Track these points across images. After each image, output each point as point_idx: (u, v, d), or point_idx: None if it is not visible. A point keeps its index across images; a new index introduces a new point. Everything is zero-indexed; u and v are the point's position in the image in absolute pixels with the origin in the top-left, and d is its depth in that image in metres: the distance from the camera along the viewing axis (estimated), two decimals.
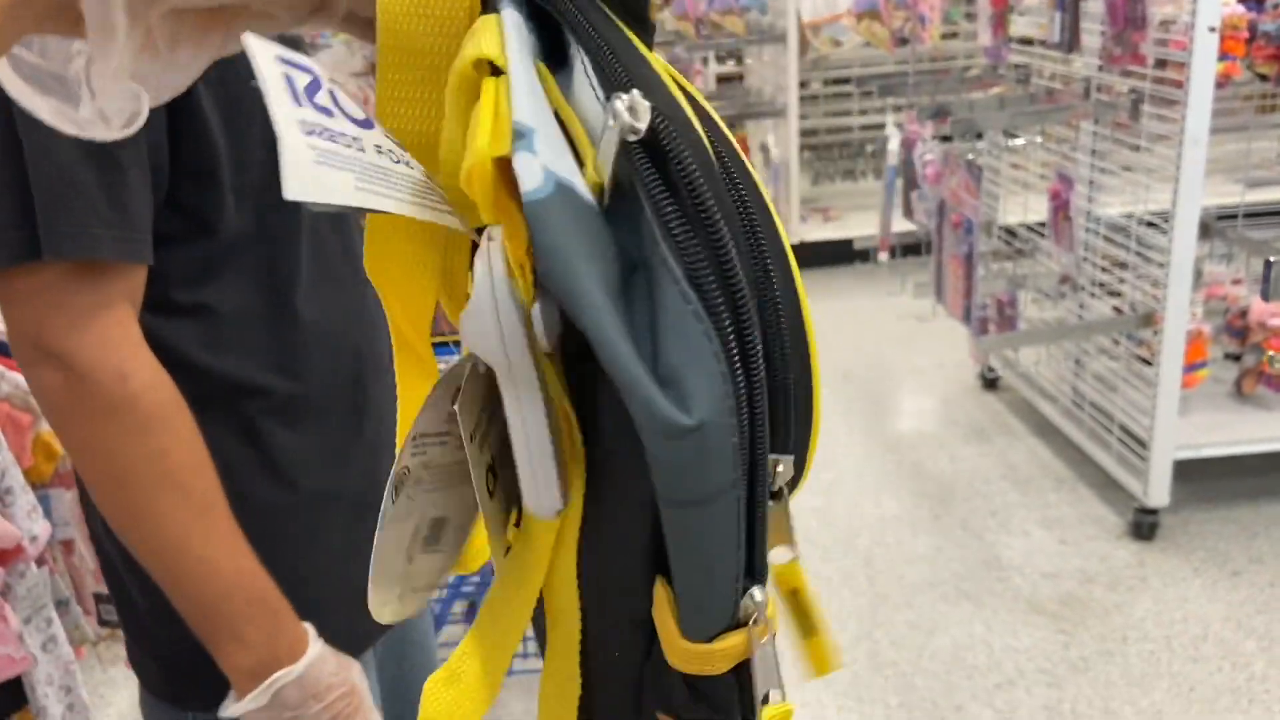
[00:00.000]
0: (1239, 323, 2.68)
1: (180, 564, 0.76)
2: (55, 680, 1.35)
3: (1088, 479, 2.83)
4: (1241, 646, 2.18)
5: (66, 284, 0.72)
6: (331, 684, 0.80)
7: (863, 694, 2.13)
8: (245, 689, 0.78)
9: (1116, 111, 2.57)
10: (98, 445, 0.73)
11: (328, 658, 0.81)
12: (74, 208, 0.70)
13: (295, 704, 0.78)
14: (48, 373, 0.72)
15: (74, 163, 0.70)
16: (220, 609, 0.77)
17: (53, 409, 0.74)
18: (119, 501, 0.75)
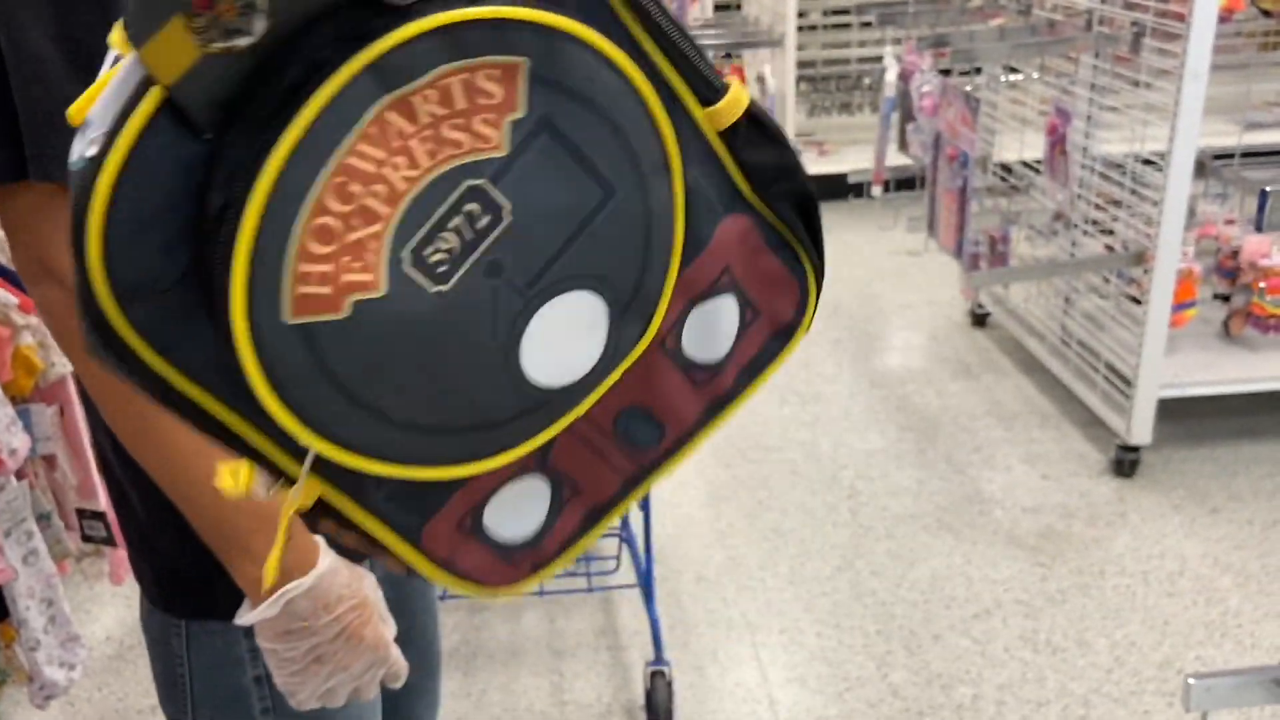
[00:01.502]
0: (1230, 263, 2.67)
1: (190, 479, 0.75)
2: (36, 593, 1.35)
3: (1072, 416, 2.84)
4: (1217, 582, 2.21)
5: (60, 202, 0.70)
6: (342, 595, 0.80)
7: (842, 621, 2.16)
8: (258, 599, 0.78)
9: (1118, 44, 2.53)
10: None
11: (340, 570, 0.81)
12: (63, 129, 0.68)
13: (306, 614, 0.79)
14: (50, 290, 0.71)
15: (63, 81, 0.68)
16: (229, 522, 0.77)
17: (57, 327, 0.73)
18: (126, 417, 0.75)
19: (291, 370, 0.40)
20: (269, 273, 0.38)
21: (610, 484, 0.54)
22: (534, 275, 0.43)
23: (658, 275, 0.47)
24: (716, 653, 2.10)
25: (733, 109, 0.48)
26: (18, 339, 1.41)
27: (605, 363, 0.47)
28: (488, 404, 0.44)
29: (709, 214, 0.50)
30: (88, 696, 2.06)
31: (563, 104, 0.42)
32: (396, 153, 0.38)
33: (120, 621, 2.28)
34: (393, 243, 0.39)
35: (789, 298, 0.54)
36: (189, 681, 0.91)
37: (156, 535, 0.87)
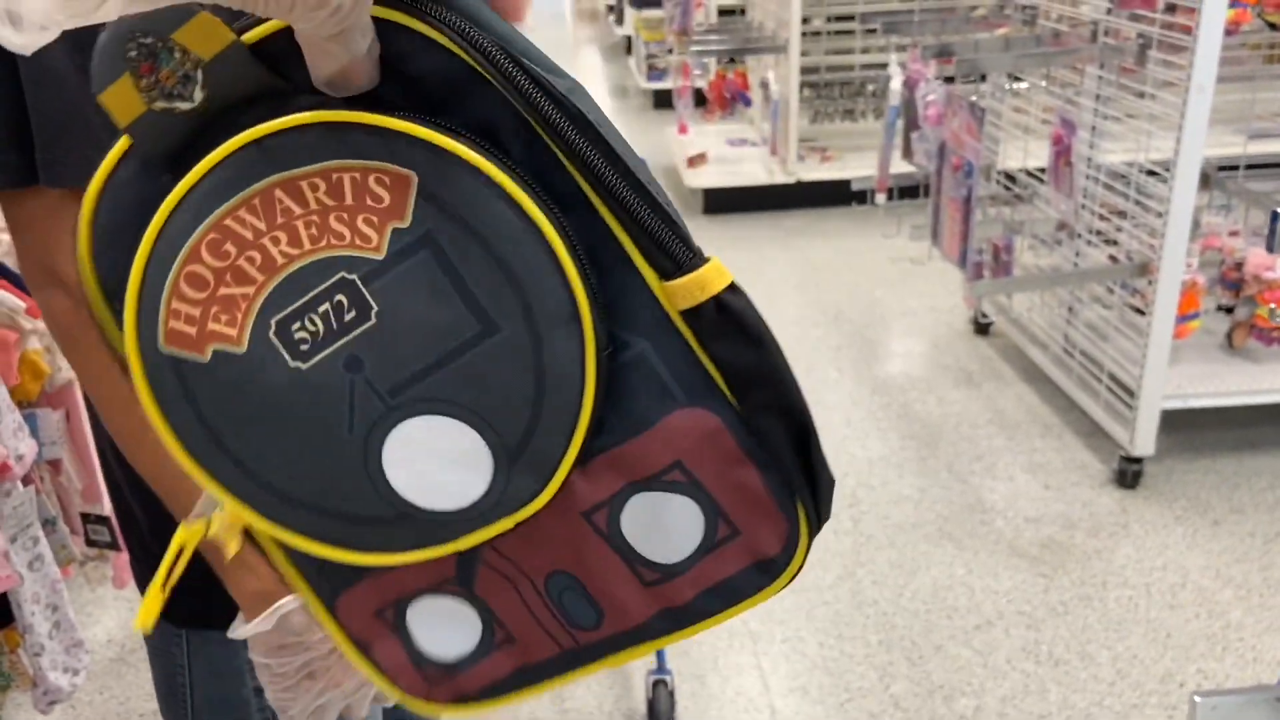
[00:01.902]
0: (1234, 275, 2.67)
1: (188, 489, 0.75)
2: (42, 599, 1.35)
3: (1074, 426, 2.84)
4: (1219, 595, 2.21)
5: (69, 209, 0.70)
6: None
7: (844, 631, 2.16)
8: (253, 613, 0.78)
9: (1123, 56, 2.54)
10: (105, 371, 0.73)
11: None
12: (75, 136, 0.69)
13: (300, 629, 0.79)
14: (55, 296, 0.72)
15: (75, 88, 0.68)
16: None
17: (60, 332, 0.73)
18: (126, 426, 0.75)
19: (167, 393, 0.44)
20: (150, 301, 0.43)
21: (544, 647, 0.52)
22: (396, 385, 0.43)
23: (555, 435, 0.44)
24: (718, 661, 2.10)
25: (692, 290, 0.43)
26: (25, 343, 1.41)
27: (489, 506, 0.45)
28: (346, 495, 0.45)
29: (658, 395, 0.46)
30: (89, 700, 2.06)
31: (450, 228, 0.41)
32: (279, 228, 0.41)
33: (122, 625, 2.27)
34: (262, 309, 0.42)
35: (773, 530, 0.48)
36: (189, 690, 0.91)
37: (157, 542, 0.87)
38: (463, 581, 0.50)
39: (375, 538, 0.46)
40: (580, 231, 0.43)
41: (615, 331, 0.45)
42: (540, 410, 0.43)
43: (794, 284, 3.86)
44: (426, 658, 0.53)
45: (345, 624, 0.53)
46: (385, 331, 0.42)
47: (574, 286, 0.42)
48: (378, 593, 0.51)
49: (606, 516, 0.48)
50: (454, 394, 0.43)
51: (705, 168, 4.63)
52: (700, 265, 0.43)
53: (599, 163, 0.42)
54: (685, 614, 0.50)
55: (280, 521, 0.46)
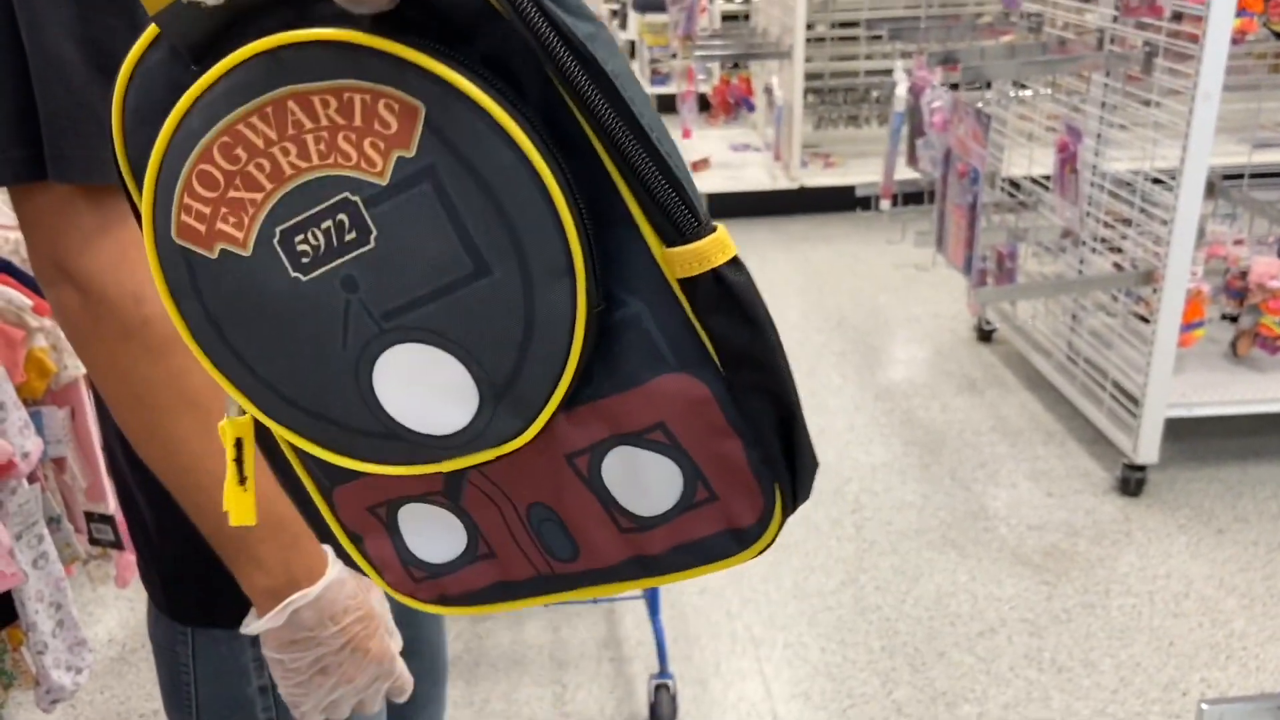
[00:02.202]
0: (1238, 284, 2.67)
1: (198, 484, 0.75)
2: (45, 597, 1.35)
3: (1077, 434, 2.84)
4: (1222, 604, 2.21)
5: (79, 205, 0.70)
6: (348, 607, 0.80)
7: (846, 637, 2.16)
8: (264, 608, 0.78)
9: (1129, 64, 2.54)
10: (115, 366, 0.73)
11: (346, 581, 0.81)
12: (83, 131, 0.69)
13: (311, 625, 0.79)
14: (66, 293, 0.71)
15: (84, 84, 0.68)
16: (237, 530, 0.76)
17: (71, 329, 0.73)
18: (138, 421, 0.75)
19: (177, 282, 0.46)
20: (166, 192, 0.44)
21: (521, 567, 0.54)
22: (389, 311, 0.44)
23: (540, 381, 0.45)
24: (720, 666, 2.10)
25: (691, 260, 0.43)
26: (31, 341, 1.41)
27: (473, 437, 0.46)
28: (339, 406, 0.47)
29: (649, 357, 0.46)
30: (90, 699, 2.06)
31: (452, 164, 0.41)
32: (290, 139, 0.42)
33: (124, 624, 2.27)
34: (268, 216, 0.43)
35: (749, 503, 0.49)
36: (193, 689, 0.91)
37: (164, 540, 0.87)
38: (450, 495, 0.52)
39: (366, 448, 0.48)
40: (585, 182, 0.43)
41: (612, 288, 0.45)
42: (526, 355, 0.44)
43: (797, 289, 3.86)
44: (414, 557, 0.55)
45: (340, 516, 0.56)
46: (382, 257, 0.43)
47: (570, 241, 0.42)
48: (372, 492, 0.53)
49: (588, 462, 0.49)
50: (444, 327, 0.43)
51: (709, 173, 4.64)
52: (704, 235, 0.43)
53: (609, 117, 0.41)
54: (656, 564, 0.51)
55: (281, 421, 0.48)
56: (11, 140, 0.69)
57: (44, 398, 1.47)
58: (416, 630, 1.12)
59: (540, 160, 0.41)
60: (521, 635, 2.20)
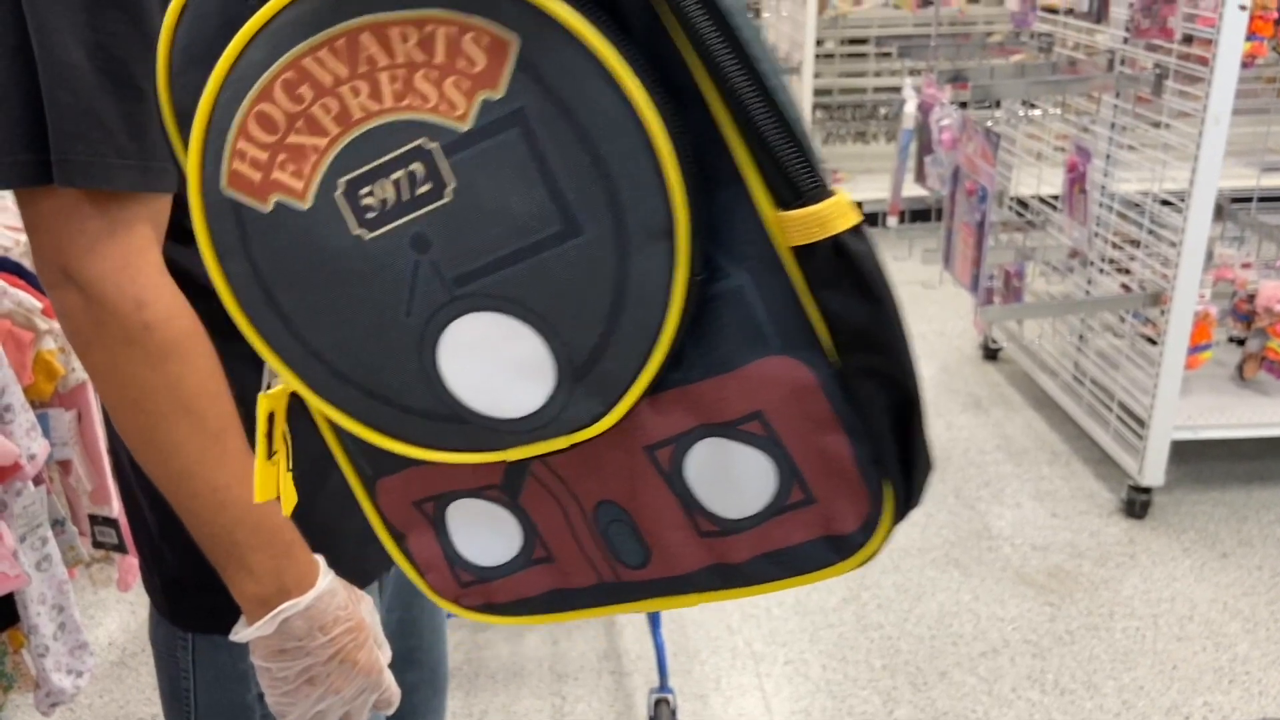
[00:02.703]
0: (1246, 307, 2.67)
1: (192, 490, 0.75)
2: (48, 599, 1.35)
3: (1083, 454, 2.83)
4: (1226, 628, 2.20)
5: (84, 209, 0.70)
6: (339, 617, 0.80)
7: (847, 654, 2.15)
8: (254, 616, 0.78)
9: (1139, 86, 2.54)
10: (115, 371, 0.73)
11: (337, 591, 0.81)
12: (90, 137, 0.69)
13: (301, 635, 0.78)
14: (69, 296, 0.71)
15: (92, 89, 0.68)
16: (229, 537, 0.76)
17: (73, 333, 0.73)
18: (135, 426, 0.75)
19: (224, 238, 0.41)
20: (217, 137, 0.39)
21: (583, 573, 0.48)
22: (463, 274, 0.38)
23: (627, 358, 0.39)
24: (720, 681, 2.09)
25: (809, 224, 0.37)
26: (40, 344, 1.41)
27: (545, 421, 0.41)
28: (396, 382, 0.42)
29: (750, 337, 0.40)
30: (89, 703, 2.05)
31: (545, 108, 0.36)
32: (361, 78, 0.37)
33: (124, 628, 2.27)
34: (332, 165, 0.38)
35: (853, 505, 0.43)
36: (193, 695, 0.91)
37: (167, 545, 0.87)
38: (508, 490, 0.47)
39: (422, 431, 0.43)
40: (697, 133, 0.38)
41: (712, 256, 0.39)
42: (614, 329, 0.38)
43: None
44: (462, 558, 0.50)
45: (383, 509, 0.50)
46: (459, 213, 0.38)
47: (673, 199, 0.37)
48: (420, 484, 0.48)
49: (670, 455, 0.43)
50: (523, 294, 0.38)
51: None
52: (824, 198, 0.37)
53: (724, 57, 0.36)
54: (737, 574, 0.45)
55: (328, 398, 0.43)
56: (19, 144, 0.69)
57: (51, 400, 1.47)
58: (418, 640, 1.12)
59: (647, 105, 0.36)
60: (521, 647, 2.19)
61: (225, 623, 0.85)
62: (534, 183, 0.37)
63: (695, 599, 0.47)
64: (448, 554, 0.50)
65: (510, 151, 0.37)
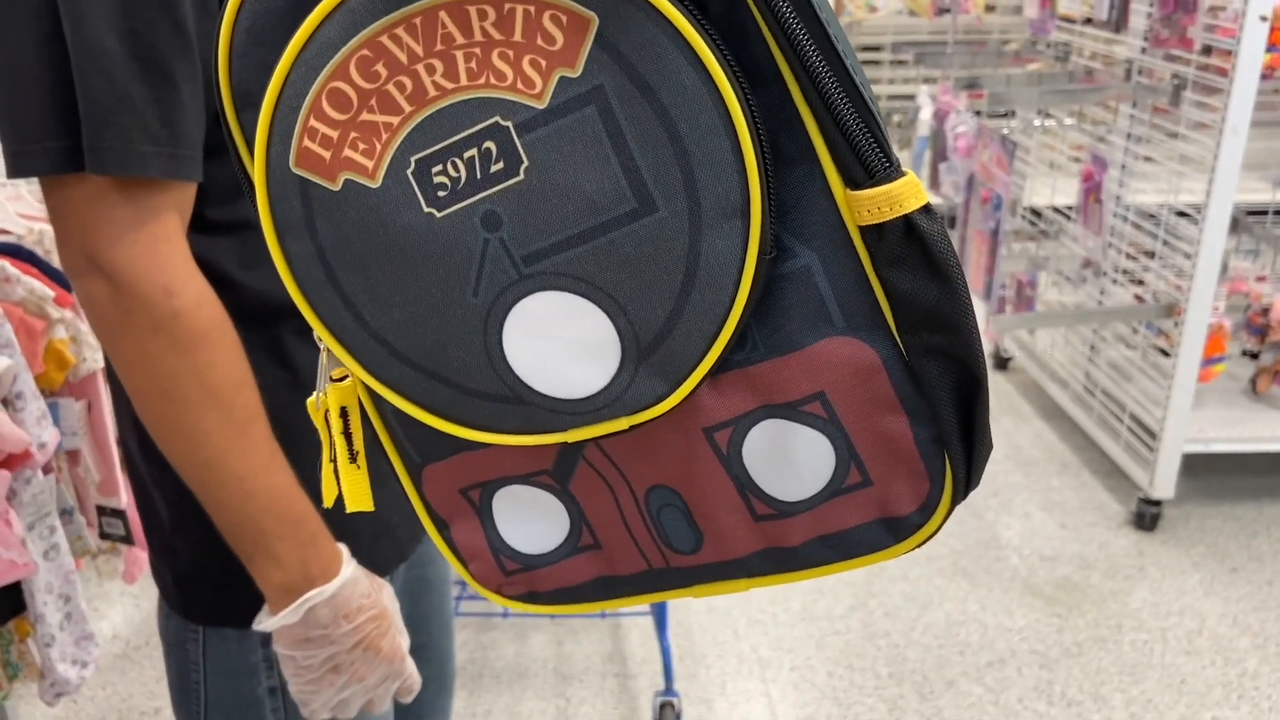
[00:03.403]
0: (1260, 320, 2.65)
1: (219, 479, 0.75)
2: (55, 589, 1.35)
3: (1093, 466, 2.82)
4: (1235, 643, 2.18)
5: (113, 197, 0.70)
6: (362, 605, 0.80)
7: (854, 662, 2.14)
8: (279, 605, 0.78)
9: (1157, 96, 2.53)
10: (142, 359, 0.72)
11: (360, 580, 0.81)
12: (122, 124, 0.68)
13: (326, 623, 0.78)
14: (95, 284, 0.71)
15: (125, 77, 0.68)
16: (256, 526, 0.76)
17: (99, 321, 0.73)
18: (161, 415, 0.74)
19: (289, 218, 0.41)
20: (287, 114, 0.39)
21: (632, 561, 0.48)
22: (533, 253, 0.39)
23: (694, 338, 0.39)
24: (725, 686, 2.08)
25: (880, 203, 0.38)
26: (52, 332, 1.41)
27: (608, 402, 0.41)
28: (459, 363, 0.42)
29: (814, 317, 0.41)
30: (91, 695, 2.05)
31: (623, 84, 0.36)
32: (437, 56, 0.37)
33: (128, 620, 2.27)
34: (403, 143, 0.38)
35: (912, 487, 0.43)
36: (203, 688, 0.90)
37: (178, 538, 0.87)
38: (558, 476, 0.47)
39: (480, 414, 0.42)
40: (767, 112, 0.38)
41: (781, 235, 0.40)
42: (683, 308, 0.39)
43: None
44: (507, 546, 0.50)
45: (428, 497, 0.50)
46: (532, 191, 0.38)
47: (750, 176, 0.37)
48: (468, 471, 0.48)
49: (729, 437, 0.43)
50: (593, 273, 0.39)
51: None
52: (896, 178, 0.38)
53: (803, 38, 0.37)
54: (791, 558, 0.45)
55: (386, 380, 0.43)
56: (50, 131, 0.69)
57: (61, 389, 1.47)
58: (425, 637, 1.11)
59: (727, 84, 0.36)
60: (525, 648, 2.19)
61: (237, 617, 0.85)
62: (609, 160, 0.37)
63: (745, 584, 0.47)
64: (492, 542, 0.50)
65: (586, 129, 0.37)
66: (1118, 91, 2.64)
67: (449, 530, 0.51)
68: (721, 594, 0.47)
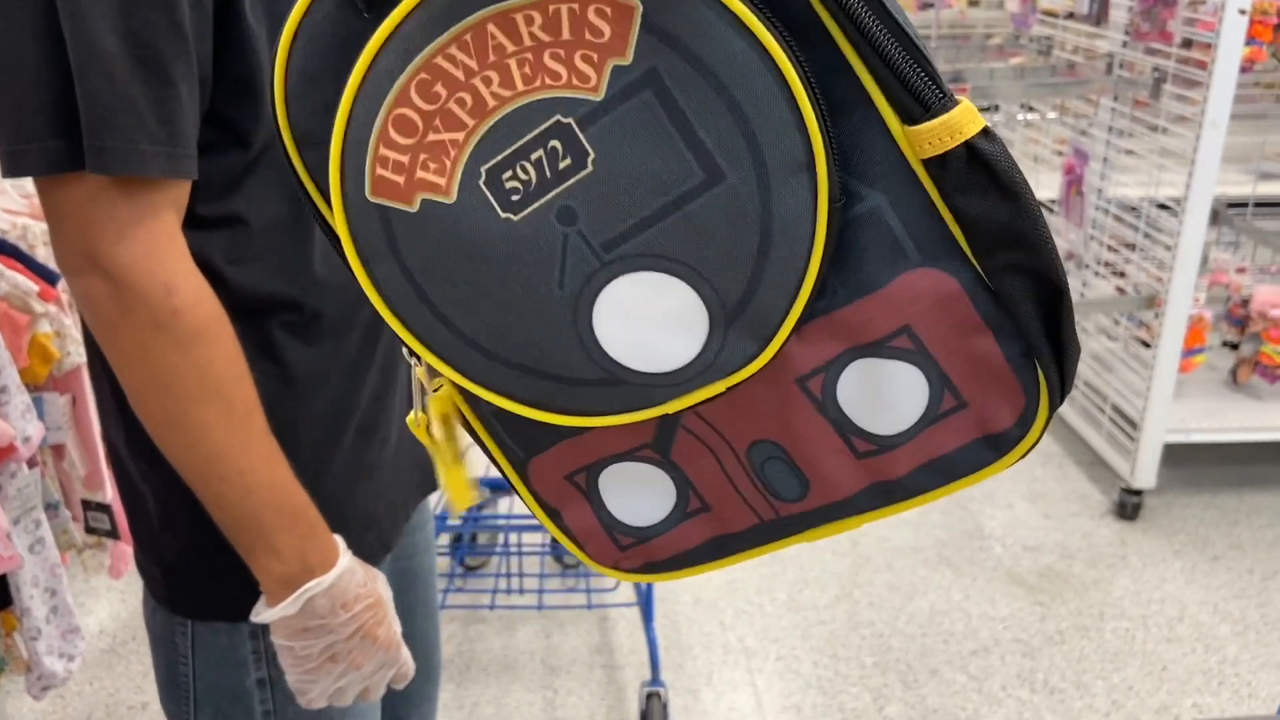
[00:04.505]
0: (1240, 311, 2.68)
1: (220, 474, 0.75)
2: (41, 582, 1.35)
3: (1075, 456, 2.84)
4: (1216, 630, 2.21)
5: (112, 196, 0.70)
6: (359, 594, 0.80)
7: (839, 651, 2.15)
8: (277, 597, 0.78)
9: (1138, 89, 2.55)
10: (142, 356, 0.73)
11: (356, 570, 0.81)
12: (123, 123, 0.69)
13: (324, 613, 0.79)
14: (94, 283, 0.71)
15: (125, 76, 0.68)
16: (256, 519, 0.76)
17: (98, 320, 0.73)
18: (161, 411, 0.74)
19: (372, 246, 0.42)
20: (357, 147, 0.40)
21: (742, 517, 0.49)
22: (611, 239, 0.40)
23: (777, 294, 0.40)
24: (711, 676, 2.09)
25: (940, 134, 0.38)
26: (35, 326, 1.41)
27: (702, 369, 0.42)
28: (555, 355, 0.43)
29: (890, 255, 0.42)
30: (78, 690, 2.05)
31: (675, 63, 0.37)
32: (491, 67, 0.38)
33: (114, 615, 2.26)
34: (471, 156, 0.39)
35: (1008, 402, 0.44)
36: (191, 681, 0.91)
37: (166, 532, 0.87)
38: (660, 447, 0.48)
39: (581, 400, 0.44)
40: (815, 66, 0.39)
41: (847, 181, 0.41)
42: (763, 267, 0.40)
43: None
44: (619, 522, 0.51)
45: (537, 489, 0.51)
46: (602, 180, 0.39)
47: (810, 130, 0.38)
48: (573, 457, 0.49)
49: (822, 383, 0.44)
50: (672, 249, 0.40)
51: None
52: (951, 107, 0.38)
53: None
54: (898, 488, 0.47)
55: (484, 382, 0.44)
56: (49, 130, 0.69)
57: (46, 384, 1.47)
58: (411, 628, 1.12)
59: (775, 44, 0.37)
60: (513, 640, 2.20)
61: (226, 610, 0.86)
62: (672, 138, 0.38)
63: (856, 521, 0.48)
64: (604, 521, 0.51)
65: (646, 112, 0.38)
66: (1099, 85, 2.65)
67: (561, 517, 0.52)
68: (834, 534, 0.49)
